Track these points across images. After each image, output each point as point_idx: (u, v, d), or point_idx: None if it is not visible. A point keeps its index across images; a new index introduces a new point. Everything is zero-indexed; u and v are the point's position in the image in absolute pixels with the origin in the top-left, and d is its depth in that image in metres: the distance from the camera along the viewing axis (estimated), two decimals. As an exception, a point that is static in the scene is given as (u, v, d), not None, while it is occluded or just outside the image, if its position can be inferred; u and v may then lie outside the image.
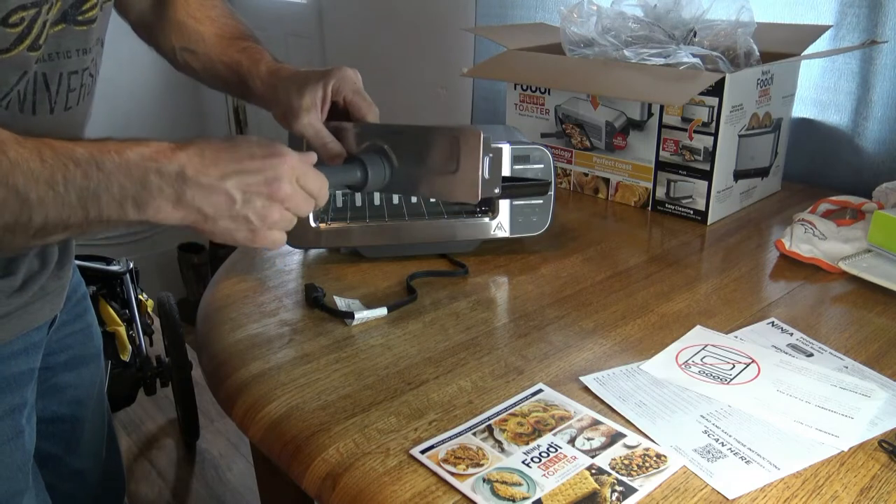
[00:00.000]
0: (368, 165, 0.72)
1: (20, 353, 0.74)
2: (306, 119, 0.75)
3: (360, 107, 0.77)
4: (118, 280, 1.98)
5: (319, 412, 0.66)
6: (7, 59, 0.56)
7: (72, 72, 0.65)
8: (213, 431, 2.16)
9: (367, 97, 0.77)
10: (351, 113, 0.78)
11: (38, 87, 0.62)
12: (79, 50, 0.65)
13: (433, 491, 0.56)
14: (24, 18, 0.55)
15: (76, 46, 0.65)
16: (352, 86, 0.77)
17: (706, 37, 1.17)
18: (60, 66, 0.63)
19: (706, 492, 0.56)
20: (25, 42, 0.57)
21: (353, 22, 2.32)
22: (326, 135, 0.76)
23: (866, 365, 0.73)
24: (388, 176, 0.74)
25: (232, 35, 0.85)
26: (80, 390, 0.91)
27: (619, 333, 0.79)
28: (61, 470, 0.92)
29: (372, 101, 0.78)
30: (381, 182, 0.74)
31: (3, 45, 0.56)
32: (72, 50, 0.64)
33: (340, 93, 0.76)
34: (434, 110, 2.02)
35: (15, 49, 0.56)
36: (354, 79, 0.77)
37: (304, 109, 0.75)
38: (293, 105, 0.75)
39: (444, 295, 0.88)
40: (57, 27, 0.60)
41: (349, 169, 0.72)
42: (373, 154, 0.74)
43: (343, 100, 0.77)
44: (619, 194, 1.21)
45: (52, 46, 0.61)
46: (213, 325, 0.82)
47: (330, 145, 0.76)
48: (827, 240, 0.95)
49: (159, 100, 3.08)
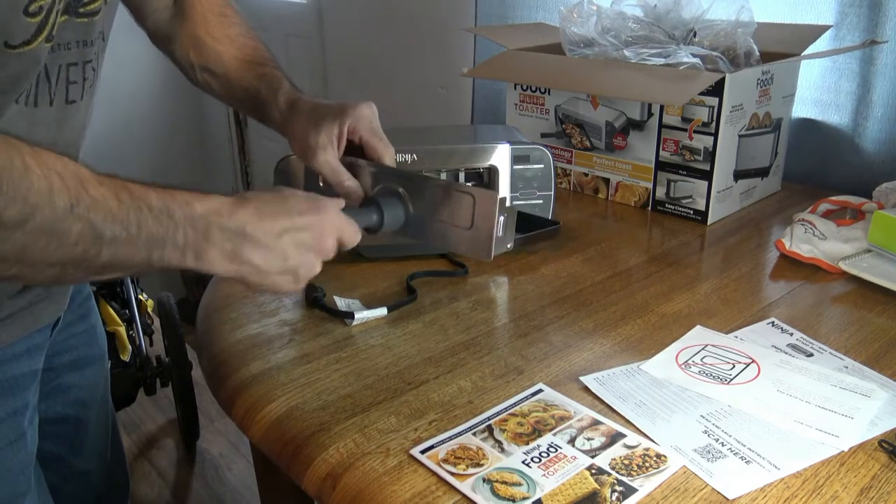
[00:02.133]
0: (385, 209, 0.73)
1: (23, 354, 0.74)
2: (322, 157, 0.76)
3: (376, 147, 0.77)
4: (118, 280, 1.98)
5: (319, 412, 0.66)
6: (29, 51, 0.56)
7: (71, 63, 0.65)
8: (213, 431, 2.16)
9: (384, 137, 0.78)
10: (367, 152, 0.78)
11: (40, 79, 0.62)
12: (79, 42, 0.65)
13: (433, 491, 0.56)
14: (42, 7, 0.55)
15: (76, 38, 0.64)
16: (367, 125, 0.77)
17: (706, 37, 1.17)
18: (60, 58, 0.63)
19: (706, 492, 0.56)
20: (44, 33, 0.57)
21: (353, 22, 2.32)
22: (343, 172, 0.77)
23: (866, 365, 0.73)
24: (403, 220, 0.75)
25: (251, 59, 0.85)
26: (84, 391, 0.91)
27: (619, 333, 0.79)
28: (65, 471, 0.92)
29: (388, 141, 0.78)
30: (395, 226, 0.75)
31: (26, 37, 0.55)
32: (72, 42, 0.64)
33: (357, 132, 0.77)
34: (434, 110, 2.02)
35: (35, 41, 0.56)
36: (371, 117, 0.77)
37: (321, 147, 0.75)
38: (310, 142, 0.76)
39: (444, 295, 0.88)
40: (61, 18, 0.60)
41: (367, 212, 0.73)
42: (389, 197, 0.75)
43: (359, 139, 0.77)
44: (619, 194, 1.21)
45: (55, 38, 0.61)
46: (213, 325, 0.82)
47: (346, 183, 0.76)
48: (827, 240, 0.95)
49: (159, 100, 3.08)
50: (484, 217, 0.70)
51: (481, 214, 0.70)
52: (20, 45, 0.55)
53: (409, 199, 0.75)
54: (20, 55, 0.55)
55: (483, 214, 0.70)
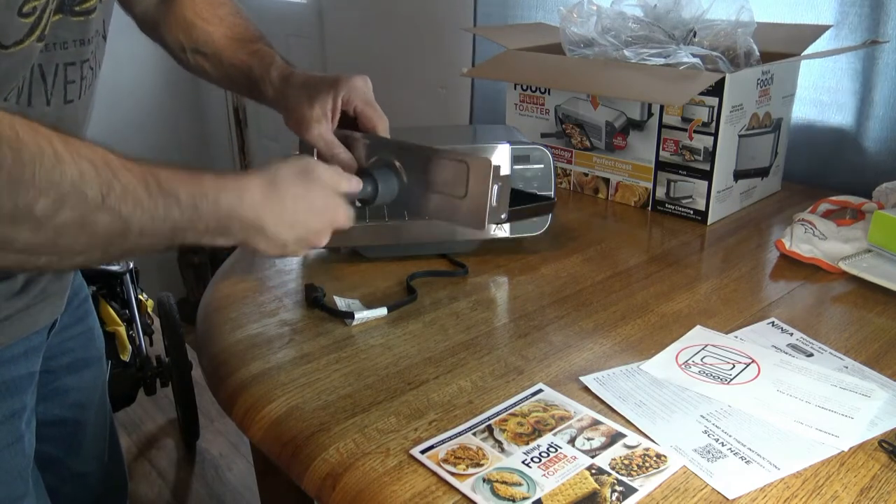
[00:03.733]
0: (379, 180, 0.73)
1: (20, 356, 0.74)
2: (317, 130, 0.76)
3: (370, 118, 0.77)
4: (118, 280, 1.98)
5: (319, 412, 0.66)
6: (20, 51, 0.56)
7: (68, 63, 0.64)
8: (213, 431, 2.16)
9: (378, 108, 0.78)
10: (361, 123, 0.78)
11: (35, 79, 0.62)
12: (76, 41, 0.65)
13: (433, 491, 0.56)
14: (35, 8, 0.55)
15: (73, 37, 0.64)
16: (362, 96, 0.77)
17: (706, 37, 1.17)
18: (57, 57, 0.63)
19: (706, 492, 0.56)
20: (36, 33, 0.57)
21: (353, 22, 2.32)
22: (337, 145, 0.77)
23: (866, 365, 0.73)
24: (397, 192, 0.74)
25: (242, 37, 0.84)
26: (82, 393, 0.91)
27: (619, 333, 0.79)
28: (63, 473, 0.92)
29: (382, 112, 0.78)
30: (389, 197, 0.74)
31: (18, 37, 0.55)
32: (69, 41, 0.64)
33: (351, 103, 0.77)
34: (434, 110, 2.02)
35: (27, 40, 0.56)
36: (364, 89, 0.78)
37: (315, 120, 0.76)
38: (304, 115, 0.76)
39: (444, 295, 0.88)
40: (55, 17, 0.60)
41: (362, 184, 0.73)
42: (384, 168, 0.74)
43: (353, 110, 0.77)
44: (619, 194, 1.21)
45: (49, 37, 0.61)
46: (213, 325, 0.82)
47: (340, 156, 0.77)
48: (827, 240, 0.95)
49: (159, 99, 3.08)
50: (478, 185, 0.68)
51: (475, 182, 0.68)
52: (12, 45, 0.55)
53: (403, 170, 0.74)
54: (11, 55, 0.55)
55: (477, 182, 0.68)
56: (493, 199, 0.68)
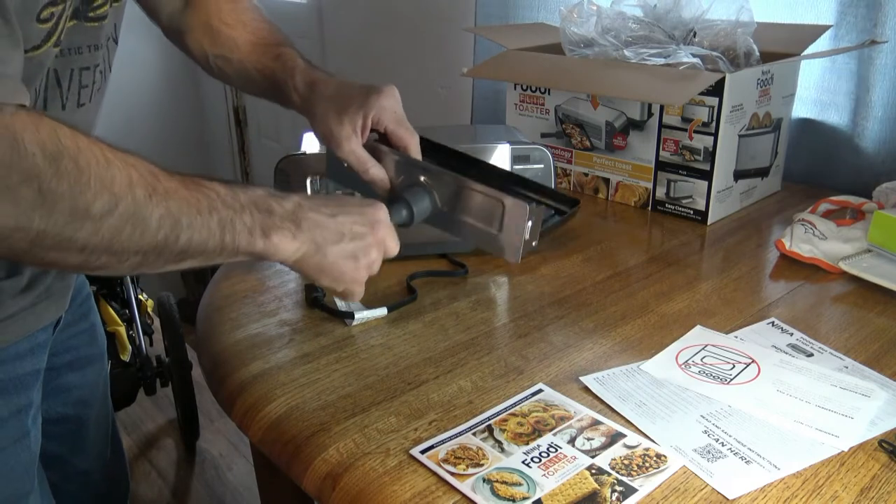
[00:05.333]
0: (413, 203, 0.73)
1: (26, 353, 0.74)
2: (348, 147, 0.76)
3: (402, 138, 0.77)
4: (118, 280, 1.98)
5: (319, 412, 0.66)
6: (36, 56, 0.57)
7: (83, 68, 0.65)
8: (213, 431, 2.16)
9: (409, 126, 0.77)
10: (391, 142, 0.78)
11: (50, 84, 0.63)
12: (90, 46, 0.65)
13: (433, 491, 0.56)
14: (53, 14, 0.56)
15: (87, 42, 0.65)
16: (392, 116, 0.77)
17: (706, 37, 1.17)
18: (72, 63, 0.64)
19: (706, 492, 0.56)
20: (52, 38, 0.57)
21: (353, 22, 2.32)
22: (368, 160, 0.76)
23: (866, 365, 0.73)
24: (430, 213, 0.75)
25: (265, 41, 0.84)
26: (84, 391, 0.91)
27: (619, 333, 0.79)
28: (66, 470, 0.92)
29: (413, 129, 0.78)
30: (422, 218, 0.75)
31: (35, 42, 0.56)
32: (83, 46, 0.64)
33: (382, 124, 0.76)
34: (434, 110, 2.02)
35: (44, 46, 0.57)
36: (395, 107, 0.77)
37: (345, 138, 0.75)
38: (332, 130, 0.76)
39: (444, 295, 0.88)
40: (70, 23, 0.61)
41: (396, 209, 0.73)
42: (415, 188, 0.74)
43: (384, 129, 0.77)
44: (619, 194, 1.21)
45: (65, 42, 0.61)
46: (213, 325, 0.82)
47: (372, 171, 0.76)
48: (827, 240, 0.95)
49: (159, 99, 3.08)
50: (513, 223, 0.70)
51: (511, 221, 0.70)
52: (30, 50, 0.56)
53: (434, 190, 0.74)
54: (28, 60, 0.56)
55: (512, 221, 0.70)
56: (527, 234, 0.70)
